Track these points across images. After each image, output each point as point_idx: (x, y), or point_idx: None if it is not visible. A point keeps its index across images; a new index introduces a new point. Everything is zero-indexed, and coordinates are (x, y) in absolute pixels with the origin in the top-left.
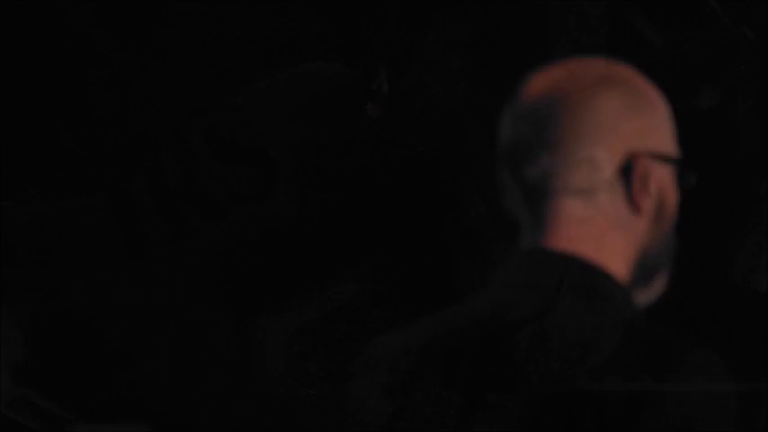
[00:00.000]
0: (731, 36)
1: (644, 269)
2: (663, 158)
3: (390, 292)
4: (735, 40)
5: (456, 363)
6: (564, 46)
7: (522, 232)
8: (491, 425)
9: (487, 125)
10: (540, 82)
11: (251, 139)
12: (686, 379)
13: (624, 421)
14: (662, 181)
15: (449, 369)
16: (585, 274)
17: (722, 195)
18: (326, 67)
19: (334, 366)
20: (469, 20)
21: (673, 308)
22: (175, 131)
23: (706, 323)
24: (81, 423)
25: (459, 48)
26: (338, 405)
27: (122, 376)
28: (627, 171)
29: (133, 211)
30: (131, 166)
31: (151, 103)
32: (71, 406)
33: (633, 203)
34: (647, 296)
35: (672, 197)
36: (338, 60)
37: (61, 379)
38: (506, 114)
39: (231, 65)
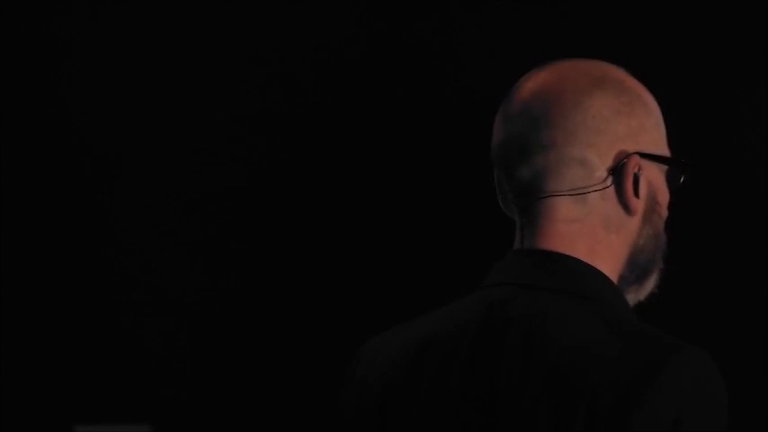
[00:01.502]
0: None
1: (635, 268)
2: (654, 159)
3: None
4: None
5: (451, 362)
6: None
7: (515, 232)
8: (485, 423)
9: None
10: (534, 83)
11: None
12: (677, 378)
13: (614, 420)
14: (653, 181)
15: (444, 368)
16: (576, 274)
17: (720, 195)
18: None
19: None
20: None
21: (665, 307)
22: None
23: (700, 322)
24: (81, 423)
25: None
26: (336, 404)
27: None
28: (619, 171)
29: None
30: None
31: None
32: (72, 405)
33: (625, 204)
34: (638, 295)
35: (663, 197)
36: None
37: (62, 378)
38: (500, 115)
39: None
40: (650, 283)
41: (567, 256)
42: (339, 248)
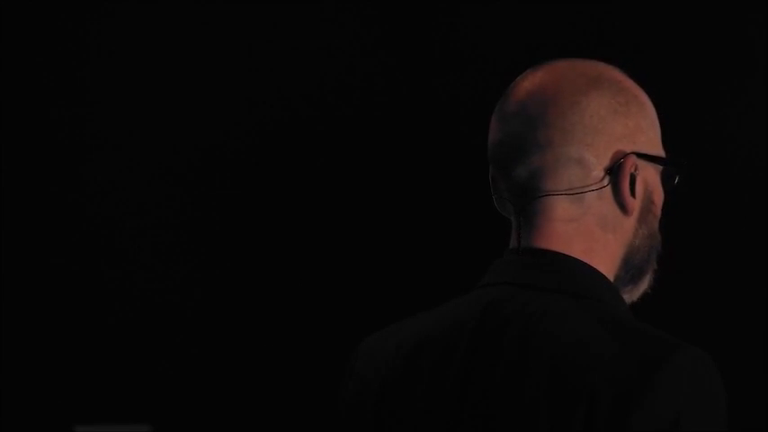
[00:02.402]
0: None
1: (631, 268)
2: (651, 159)
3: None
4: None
5: (448, 361)
6: None
7: (511, 232)
8: (483, 421)
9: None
10: (530, 82)
11: None
12: (676, 377)
13: (613, 419)
14: (649, 181)
15: (442, 365)
16: (574, 273)
17: (715, 195)
18: None
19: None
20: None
21: (663, 306)
22: None
23: (698, 322)
24: (81, 423)
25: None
26: (334, 401)
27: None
28: (615, 171)
29: None
30: None
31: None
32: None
33: (621, 203)
34: (632, 295)
35: (659, 197)
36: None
37: (62, 379)
38: (496, 114)
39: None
40: (644, 284)
41: (564, 255)
42: (338, 248)
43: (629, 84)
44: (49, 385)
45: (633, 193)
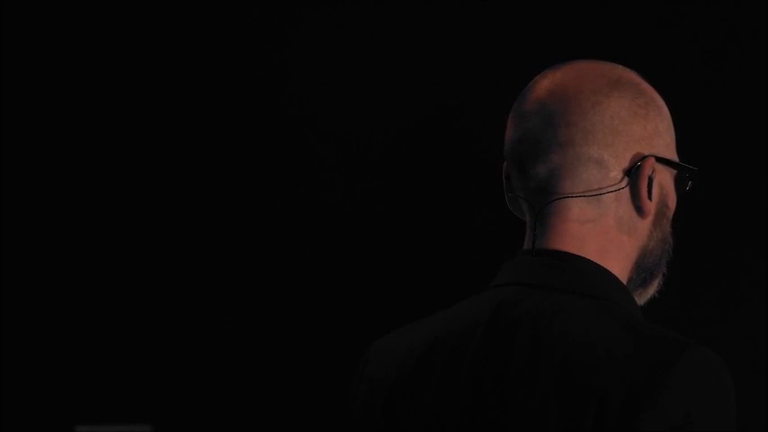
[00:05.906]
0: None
1: (642, 271)
2: (668, 163)
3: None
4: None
5: (459, 362)
6: None
7: (526, 231)
8: (493, 423)
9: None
10: (550, 81)
11: None
12: (687, 377)
13: (624, 418)
14: (665, 185)
15: (452, 368)
16: (586, 274)
17: (721, 198)
18: None
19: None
20: None
21: (672, 307)
22: None
23: (704, 323)
24: (82, 423)
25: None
26: (344, 403)
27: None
28: (634, 173)
29: None
30: None
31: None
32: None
33: (638, 205)
34: (640, 299)
35: (672, 201)
36: None
37: (63, 379)
38: (514, 112)
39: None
40: (653, 287)
41: (577, 256)
42: (348, 248)
43: (647, 87)
44: (50, 385)
45: (650, 196)
